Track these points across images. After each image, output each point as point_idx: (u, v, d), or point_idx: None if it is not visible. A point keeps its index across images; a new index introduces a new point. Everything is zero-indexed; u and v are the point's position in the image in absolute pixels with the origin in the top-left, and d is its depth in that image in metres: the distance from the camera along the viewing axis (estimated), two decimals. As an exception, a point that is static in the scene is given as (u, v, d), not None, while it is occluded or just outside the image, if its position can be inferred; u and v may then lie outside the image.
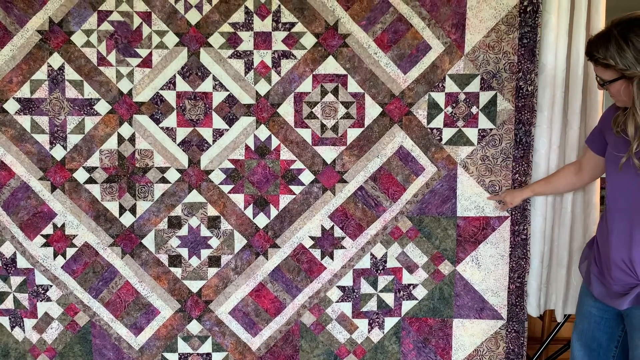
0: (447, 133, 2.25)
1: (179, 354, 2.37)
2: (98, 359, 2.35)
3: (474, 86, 2.21)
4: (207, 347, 2.36)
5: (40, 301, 2.31)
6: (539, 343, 2.57)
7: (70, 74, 2.17)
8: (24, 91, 2.17)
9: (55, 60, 2.16)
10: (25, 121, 2.19)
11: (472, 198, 2.28)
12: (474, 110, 2.23)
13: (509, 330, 2.36)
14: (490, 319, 2.36)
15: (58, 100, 2.19)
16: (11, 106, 2.18)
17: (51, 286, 2.30)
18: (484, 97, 2.21)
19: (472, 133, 2.25)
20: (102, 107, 2.20)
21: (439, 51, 2.18)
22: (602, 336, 1.91)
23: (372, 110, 2.23)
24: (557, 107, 2.22)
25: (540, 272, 2.35)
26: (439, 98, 2.22)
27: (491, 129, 2.24)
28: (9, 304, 2.31)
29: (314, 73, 2.20)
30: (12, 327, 2.33)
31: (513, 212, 2.28)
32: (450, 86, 2.21)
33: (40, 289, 2.30)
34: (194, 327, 2.35)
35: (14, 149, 2.20)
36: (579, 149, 2.25)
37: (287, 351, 2.37)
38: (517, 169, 2.25)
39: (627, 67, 1.55)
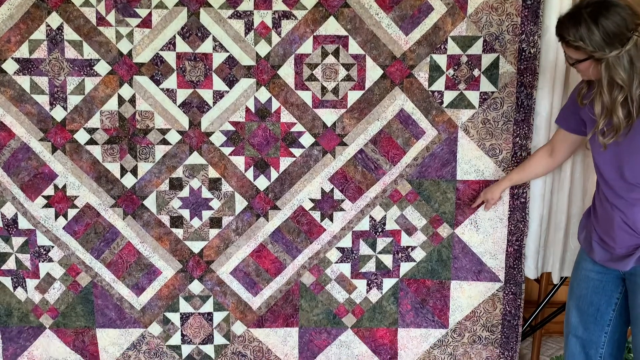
0: (449, 96, 2.24)
1: (180, 313, 2.40)
2: (100, 319, 2.39)
3: (476, 48, 2.19)
4: (208, 307, 2.40)
5: (42, 262, 2.33)
6: (535, 306, 2.60)
7: (70, 34, 2.15)
8: (23, 51, 2.15)
9: (54, 19, 2.13)
10: (24, 81, 2.18)
11: (472, 162, 2.29)
12: (475, 72, 2.21)
13: (506, 292, 2.39)
14: (488, 281, 2.39)
15: (57, 61, 2.17)
16: (10, 66, 2.16)
17: (53, 247, 2.32)
18: (486, 59, 2.20)
19: (473, 96, 2.24)
20: (102, 67, 2.18)
21: (441, 12, 2.16)
22: (600, 300, 1.93)
23: (373, 72, 2.21)
24: (559, 69, 2.20)
25: (539, 235, 2.36)
26: (441, 60, 2.20)
27: (493, 92, 2.23)
28: (11, 264, 2.33)
29: (314, 34, 2.18)
30: (15, 288, 2.36)
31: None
32: (452, 48, 2.19)
33: (42, 250, 2.32)
34: (196, 287, 2.38)
35: (14, 109, 2.19)
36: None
37: (287, 310, 2.41)
38: (518, 132, 2.25)
39: (596, 49, 1.58)
